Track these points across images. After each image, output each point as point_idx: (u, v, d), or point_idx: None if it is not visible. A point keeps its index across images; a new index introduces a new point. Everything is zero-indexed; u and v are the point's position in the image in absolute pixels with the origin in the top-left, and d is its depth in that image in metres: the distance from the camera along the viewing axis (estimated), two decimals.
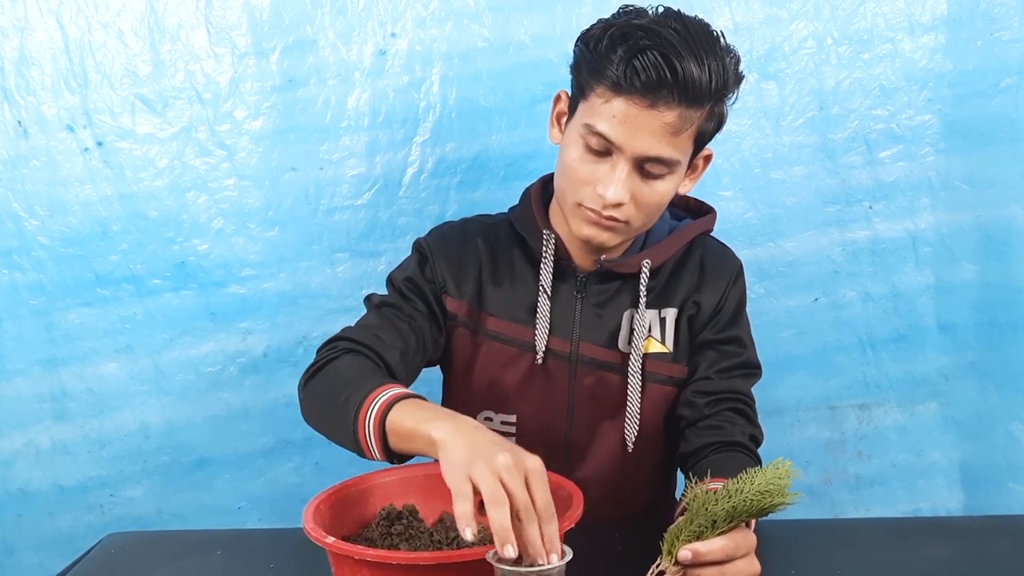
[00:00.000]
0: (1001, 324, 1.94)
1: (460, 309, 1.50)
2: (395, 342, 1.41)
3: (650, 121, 1.28)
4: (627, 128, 1.28)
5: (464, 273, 1.51)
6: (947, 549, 1.38)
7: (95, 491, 1.95)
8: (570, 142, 1.37)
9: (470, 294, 1.50)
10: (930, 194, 1.93)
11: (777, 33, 1.89)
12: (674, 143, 1.30)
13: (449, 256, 1.51)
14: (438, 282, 1.50)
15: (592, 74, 1.31)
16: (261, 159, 1.87)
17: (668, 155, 1.31)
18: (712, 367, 1.49)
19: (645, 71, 1.25)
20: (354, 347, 1.37)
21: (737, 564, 1.08)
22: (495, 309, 1.50)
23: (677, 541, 1.08)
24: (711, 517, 1.08)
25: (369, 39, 1.86)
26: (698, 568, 1.07)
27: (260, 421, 1.94)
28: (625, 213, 1.34)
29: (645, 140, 1.29)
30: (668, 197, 1.38)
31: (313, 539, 1.12)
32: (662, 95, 1.26)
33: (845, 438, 2.03)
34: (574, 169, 1.35)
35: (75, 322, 1.89)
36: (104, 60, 1.82)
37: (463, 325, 1.51)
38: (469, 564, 1.05)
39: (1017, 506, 1.93)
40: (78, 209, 1.85)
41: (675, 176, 1.35)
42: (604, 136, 1.30)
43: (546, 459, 1.45)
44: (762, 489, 1.08)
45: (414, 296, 1.48)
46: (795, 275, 1.96)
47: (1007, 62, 1.87)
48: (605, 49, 1.28)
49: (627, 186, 1.32)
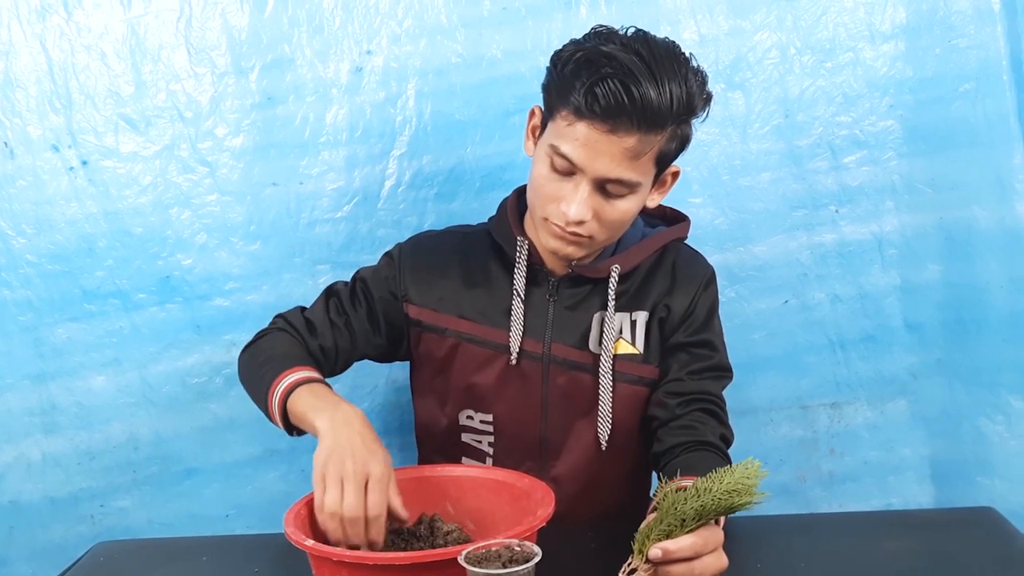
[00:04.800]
0: (966, 322, 1.97)
1: (423, 315, 1.57)
2: (324, 336, 1.56)
3: (610, 146, 1.33)
4: (589, 151, 1.34)
5: (431, 281, 1.57)
6: (912, 541, 1.41)
7: (86, 502, 1.96)
8: (538, 159, 1.42)
9: (435, 300, 1.57)
10: (894, 197, 1.96)
11: (742, 44, 1.92)
12: (634, 166, 1.36)
13: (417, 264, 1.58)
14: (399, 291, 1.58)
15: (558, 97, 1.36)
16: (242, 175, 1.90)
17: (628, 177, 1.36)
18: (684, 369, 1.53)
19: (605, 98, 1.30)
20: (287, 328, 1.56)
21: (705, 560, 1.12)
22: (470, 313, 1.56)
23: (648, 540, 1.11)
24: (680, 516, 1.11)
25: (345, 56, 1.90)
26: (668, 565, 1.10)
27: (247, 431, 1.96)
28: (588, 229, 1.40)
29: (606, 163, 1.34)
30: (631, 214, 1.43)
31: (293, 542, 1.16)
32: (621, 121, 1.31)
33: (817, 436, 2.05)
34: (541, 186, 1.41)
35: (63, 337, 1.91)
36: (87, 81, 1.86)
37: (430, 330, 1.57)
38: (444, 564, 1.09)
39: (985, 499, 1.95)
40: (64, 227, 1.88)
41: (637, 195, 1.41)
42: (567, 158, 1.35)
43: (522, 457, 1.55)
44: (730, 488, 1.11)
45: (362, 298, 1.60)
46: (765, 278, 1.99)
47: (965, 68, 1.90)
48: (570, 74, 1.34)
49: (589, 205, 1.38)
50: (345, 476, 1.22)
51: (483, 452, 1.60)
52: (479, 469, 1.47)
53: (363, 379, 1.95)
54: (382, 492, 1.24)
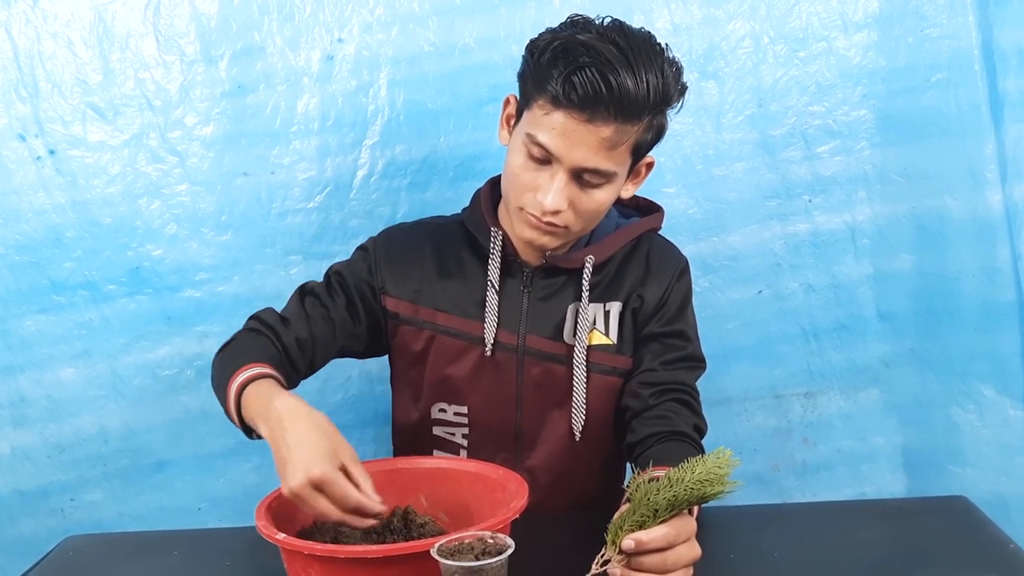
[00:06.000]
0: (938, 312, 1.99)
1: (400, 307, 1.55)
2: (299, 328, 1.51)
3: (587, 135, 1.33)
4: (565, 141, 1.33)
5: (406, 273, 1.56)
6: (885, 530, 1.42)
7: (56, 495, 1.95)
8: (514, 148, 1.41)
9: (411, 292, 1.55)
10: (867, 187, 1.97)
11: (715, 33, 1.92)
12: (611, 156, 1.35)
13: (391, 257, 1.57)
14: (376, 283, 1.56)
15: (535, 86, 1.35)
16: (213, 164, 1.89)
17: (605, 167, 1.36)
18: (657, 359, 1.53)
19: (583, 87, 1.29)
20: (257, 327, 1.50)
21: (678, 550, 1.11)
22: (445, 305, 1.55)
23: (621, 531, 1.11)
24: (653, 506, 1.11)
25: (317, 45, 1.88)
26: (641, 556, 1.10)
27: (219, 423, 1.92)
28: (564, 219, 1.40)
29: (583, 153, 1.34)
30: (607, 204, 1.43)
31: (264, 536, 1.15)
32: (599, 111, 1.31)
33: (791, 426, 2.06)
34: (517, 175, 1.40)
35: (31, 329, 1.89)
36: (54, 69, 1.83)
37: (407, 322, 1.56)
38: (416, 556, 1.08)
39: (957, 487, 1.96)
40: (31, 217, 1.86)
41: (613, 185, 1.40)
42: (544, 147, 1.35)
43: (497, 448, 1.54)
44: (702, 478, 1.11)
45: (339, 289, 1.57)
46: (739, 268, 1.99)
47: (937, 58, 1.91)
48: (547, 64, 1.33)
49: (565, 194, 1.37)
50: (297, 492, 1.19)
51: (457, 444, 1.59)
52: (453, 461, 1.47)
53: (336, 371, 1.93)
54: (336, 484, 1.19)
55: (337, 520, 1.20)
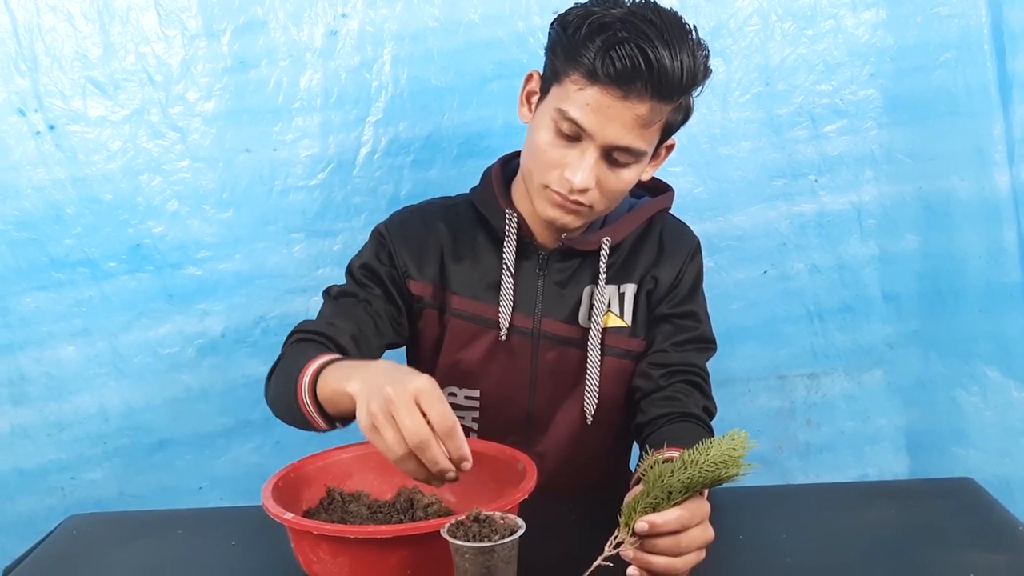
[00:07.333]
0: (943, 293, 1.98)
1: (425, 291, 1.52)
2: (348, 327, 1.43)
3: (622, 112, 1.30)
4: (599, 117, 1.31)
5: (425, 255, 1.52)
6: (893, 511, 1.41)
7: (55, 474, 1.94)
8: (541, 124, 1.38)
9: (433, 275, 1.52)
10: (873, 167, 1.96)
11: (723, 10, 1.91)
12: (643, 135, 1.33)
13: (408, 240, 1.53)
14: (399, 268, 1.51)
15: (568, 60, 1.32)
16: (214, 141, 1.87)
17: (636, 145, 1.34)
18: (668, 340, 1.51)
19: (621, 61, 1.26)
20: (307, 337, 1.41)
21: (692, 532, 1.10)
22: (458, 288, 1.52)
23: (634, 513, 1.10)
24: (667, 488, 1.09)
25: (320, 20, 1.86)
26: (655, 539, 1.09)
27: (219, 401, 1.95)
28: (590, 198, 1.37)
29: (616, 130, 1.31)
30: (631, 184, 1.40)
31: (272, 515, 1.14)
32: (635, 87, 1.28)
33: (795, 406, 2.07)
34: (543, 151, 1.37)
35: (31, 306, 1.88)
36: (54, 43, 1.81)
37: (429, 306, 1.53)
38: (425, 536, 1.07)
39: (960, 469, 1.97)
40: (31, 193, 1.84)
41: (640, 165, 1.38)
42: (576, 122, 1.32)
43: (508, 432, 1.51)
44: (717, 460, 1.10)
45: (370, 282, 1.51)
46: (744, 248, 1.99)
47: (946, 37, 1.90)
48: (583, 37, 1.30)
49: (594, 172, 1.35)
50: (389, 405, 1.05)
51: (467, 428, 1.57)
52: None
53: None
54: (439, 401, 1.08)
55: (403, 455, 1.07)
